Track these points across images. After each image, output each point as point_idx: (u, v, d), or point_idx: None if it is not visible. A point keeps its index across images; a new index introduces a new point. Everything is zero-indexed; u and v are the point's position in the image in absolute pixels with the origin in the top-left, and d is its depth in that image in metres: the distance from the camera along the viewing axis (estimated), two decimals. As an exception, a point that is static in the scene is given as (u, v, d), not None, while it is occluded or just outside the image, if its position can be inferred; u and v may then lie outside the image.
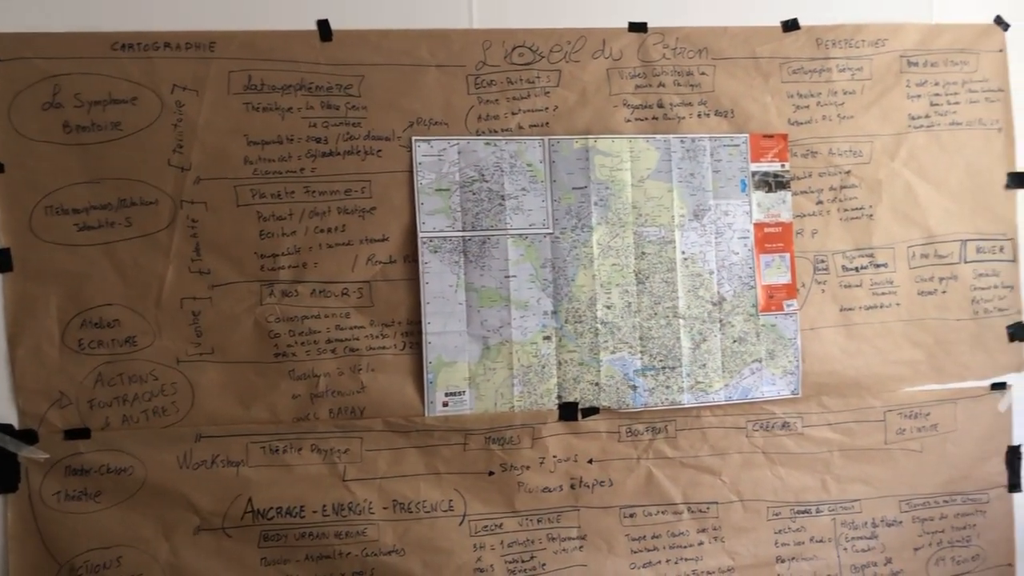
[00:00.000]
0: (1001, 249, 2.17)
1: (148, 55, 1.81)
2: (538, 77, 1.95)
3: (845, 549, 2.10)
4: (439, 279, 1.89)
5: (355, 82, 1.88)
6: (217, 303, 1.83)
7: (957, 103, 2.14)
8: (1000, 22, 2.16)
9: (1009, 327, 2.17)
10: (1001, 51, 2.17)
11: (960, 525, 2.16)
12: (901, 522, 2.13)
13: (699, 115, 2.02)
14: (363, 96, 1.88)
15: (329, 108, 1.87)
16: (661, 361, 1.99)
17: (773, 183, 2.05)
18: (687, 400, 2.00)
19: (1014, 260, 2.18)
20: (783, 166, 2.06)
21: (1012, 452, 2.18)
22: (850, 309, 2.09)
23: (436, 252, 1.90)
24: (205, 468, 1.82)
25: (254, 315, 1.84)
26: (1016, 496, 2.19)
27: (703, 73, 2.02)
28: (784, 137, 2.06)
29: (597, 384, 1.96)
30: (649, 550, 2.00)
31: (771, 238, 2.06)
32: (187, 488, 1.82)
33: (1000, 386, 2.18)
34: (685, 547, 2.01)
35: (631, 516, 1.99)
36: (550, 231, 1.95)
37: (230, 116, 1.84)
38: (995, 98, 2.17)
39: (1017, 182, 2.17)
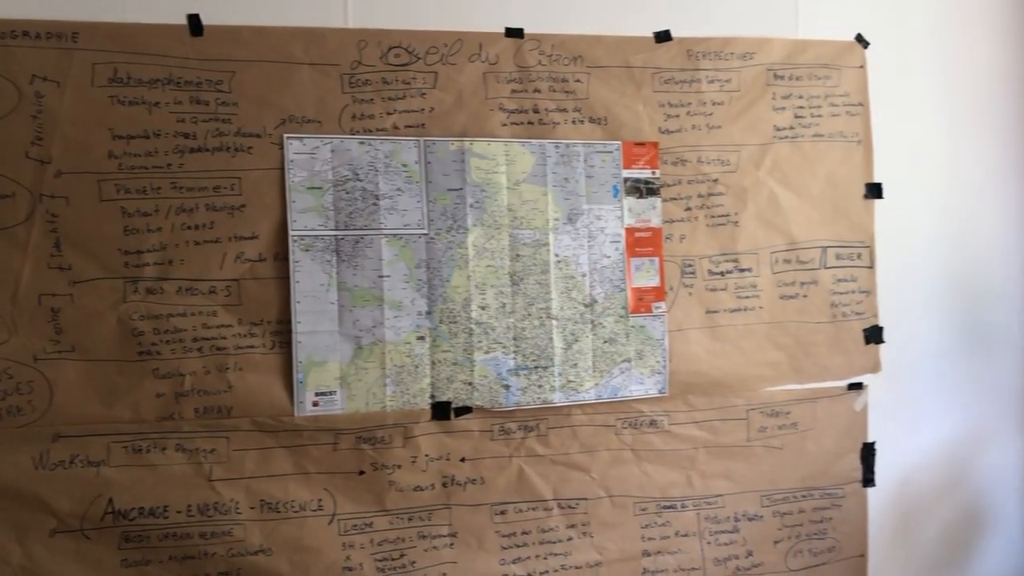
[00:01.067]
0: (859, 256, 2.29)
1: (5, 43, 1.75)
2: (414, 78, 1.96)
3: (708, 543, 2.18)
4: (310, 278, 1.89)
5: (226, 78, 1.85)
6: (78, 300, 1.79)
7: (820, 116, 2.25)
8: (861, 40, 2.28)
9: (865, 330, 2.29)
10: (861, 67, 2.28)
11: (817, 519, 2.26)
12: (762, 516, 2.22)
13: (574, 121, 2.06)
14: (234, 92, 1.86)
15: (198, 103, 1.84)
16: (534, 361, 2.03)
17: (644, 189, 2.12)
18: (559, 399, 2.05)
19: (871, 266, 2.29)
20: (654, 173, 2.12)
21: (866, 449, 2.30)
22: (715, 312, 2.17)
23: (308, 251, 1.89)
24: (63, 468, 1.78)
25: (117, 312, 1.81)
26: (870, 491, 2.30)
27: (578, 80, 2.06)
28: (655, 145, 2.12)
29: (471, 384, 1.99)
30: (519, 546, 2.03)
31: (641, 242, 2.12)
32: (43, 489, 1.77)
33: (856, 386, 2.29)
34: (554, 542, 2.06)
35: (502, 513, 2.03)
36: (425, 232, 1.96)
37: (94, 109, 1.79)
38: (855, 112, 2.28)
39: (874, 192, 2.29)
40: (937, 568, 2.40)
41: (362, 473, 1.94)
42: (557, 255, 2.05)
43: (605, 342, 2.08)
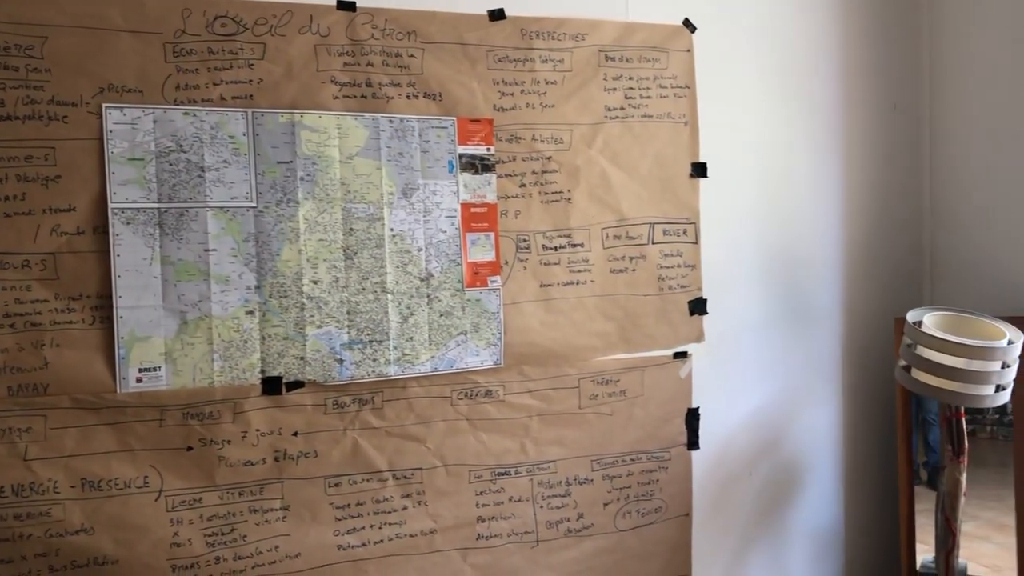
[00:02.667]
0: (684, 232, 2.40)
1: None
2: (241, 49, 1.93)
3: (541, 507, 2.26)
4: (132, 251, 1.84)
5: (37, 43, 1.78)
6: None
7: (649, 97, 2.34)
8: (688, 24, 2.38)
9: (690, 302, 2.41)
10: (689, 51, 2.38)
11: (645, 480, 2.39)
12: (592, 480, 2.32)
13: (408, 96, 2.08)
14: (47, 59, 1.79)
15: (7, 69, 1.76)
16: (368, 335, 2.05)
17: (479, 166, 2.16)
18: (394, 372, 2.08)
19: (696, 242, 2.41)
20: (489, 150, 2.16)
21: (691, 414, 2.43)
22: (549, 285, 2.24)
23: (128, 224, 1.84)
24: None
25: (-81, 288, 1.72)
26: (694, 453, 2.44)
27: (412, 55, 2.08)
28: (490, 122, 2.16)
29: (302, 358, 1.99)
30: (353, 516, 2.06)
31: (477, 218, 2.16)
32: None
33: (682, 355, 2.42)
34: (389, 512, 2.10)
35: (336, 485, 2.05)
36: (254, 205, 1.95)
37: None
38: (682, 94, 2.38)
39: (699, 172, 2.40)
40: (757, 524, 2.57)
41: (190, 449, 1.92)
42: (392, 229, 2.07)
43: (441, 315, 2.12)
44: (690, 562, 2.43)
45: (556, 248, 2.25)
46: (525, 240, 2.22)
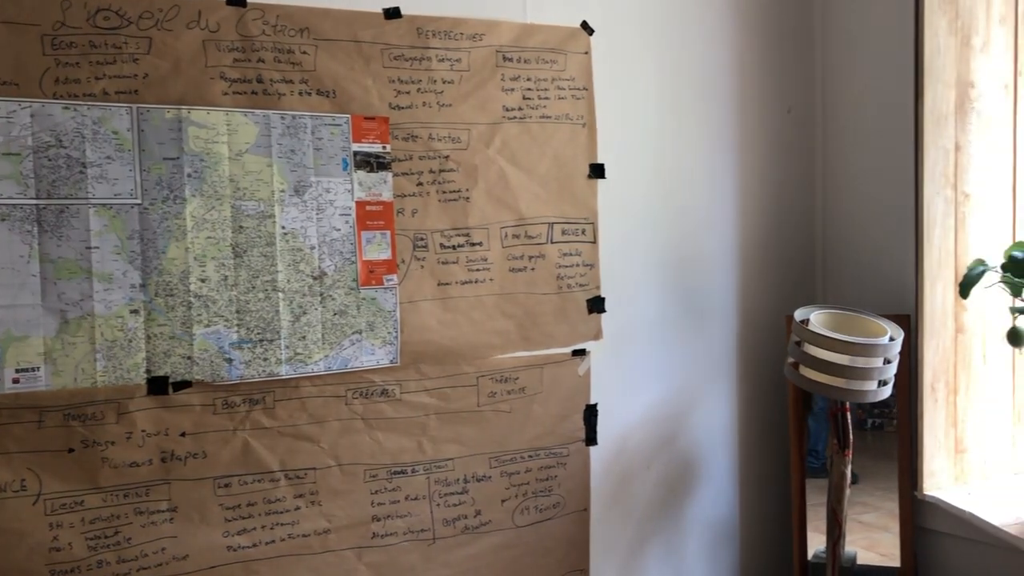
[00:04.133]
0: (583, 232, 2.44)
1: None
2: (125, 43, 1.89)
3: (438, 505, 2.27)
4: (8, 249, 1.80)
5: (-97, 32, 1.72)
6: None
7: (547, 98, 2.37)
8: (586, 27, 2.41)
9: (589, 300, 2.45)
10: (586, 53, 2.42)
11: (543, 477, 2.41)
12: (490, 477, 2.34)
13: (300, 93, 2.07)
14: (-86, 48, 1.72)
15: None
16: (259, 334, 2.03)
17: (375, 163, 2.15)
18: (285, 371, 2.06)
19: (594, 241, 2.45)
20: (384, 148, 2.16)
21: (589, 410, 2.47)
22: (447, 284, 2.25)
23: (4, 220, 1.79)
24: None
25: None
26: (592, 449, 2.48)
27: (304, 52, 2.07)
28: (385, 120, 2.16)
29: (190, 358, 1.96)
30: (244, 518, 2.04)
31: (372, 216, 2.16)
32: None
33: (580, 352, 2.45)
34: (281, 512, 2.08)
35: (226, 486, 2.02)
36: (138, 202, 1.91)
37: None
38: (580, 95, 2.41)
39: (597, 172, 2.44)
40: (654, 517, 2.62)
41: (71, 451, 1.87)
42: (284, 227, 2.05)
43: (335, 314, 2.12)
44: (588, 556, 2.47)
45: (454, 247, 2.26)
46: (422, 239, 2.22)
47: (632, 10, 2.50)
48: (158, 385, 1.94)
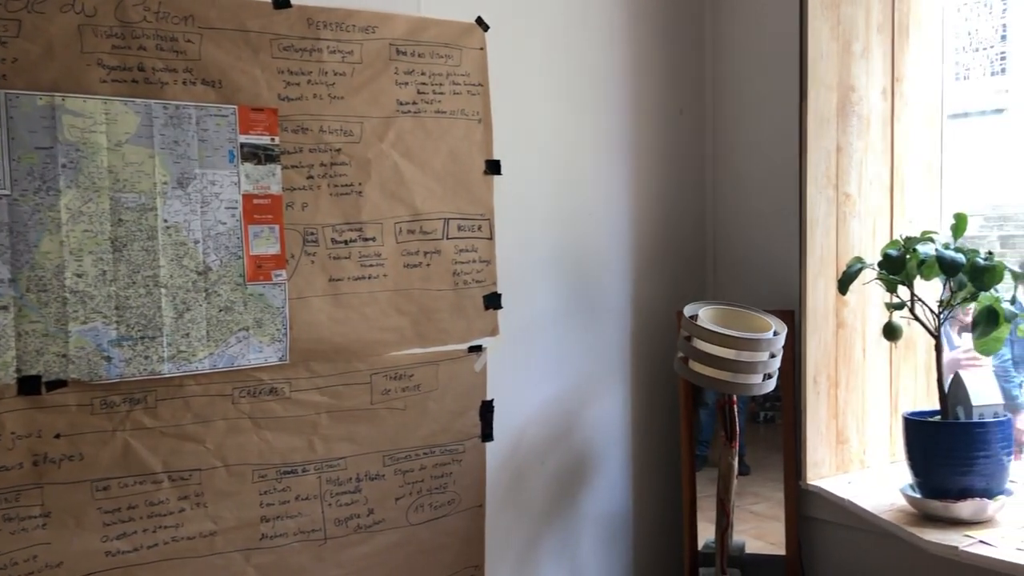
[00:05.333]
0: (479, 228, 2.44)
1: None
2: (-8, 25, 1.79)
3: (330, 504, 2.23)
4: None
5: None
6: None
7: (442, 93, 2.35)
8: (481, 23, 2.41)
9: (485, 297, 2.45)
10: (482, 49, 2.41)
11: (438, 474, 2.40)
12: (384, 475, 2.31)
13: (184, 83, 2.00)
14: None
15: None
16: (140, 331, 1.96)
17: (263, 156, 2.11)
18: (168, 370, 2.00)
19: (490, 238, 2.45)
20: (273, 140, 2.12)
21: (485, 406, 2.47)
22: (339, 280, 2.22)
23: None
24: None
25: None
26: (488, 445, 2.48)
27: (189, 41, 2.00)
28: (274, 112, 2.12)
29: (65, 356, 1.88)
30: (124, 521, 1.97)
31: (260, 209, 2.11)
32: None
33: (476, 348, 2.45)
34: (164, 515, 2.01)
35: (105, 489, 1.95)
36: (8, 193, 1.82)
37: None
38: (476, 91, 2.41)
39: (493, 169, 2.44)
40: (549, 512, 2.64)
41: (-68, 456, 1.77)
42: (166, 221, 1.99)
43: (221, 311, 2.06)
44: (483, 552, 2.47)
45: (346, 242, 2.23)
46: (313, 233, 2.18)
47: (528, 8, 2.51)
48: (29, 385, 1.85)
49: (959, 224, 2.14)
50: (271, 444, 2.15)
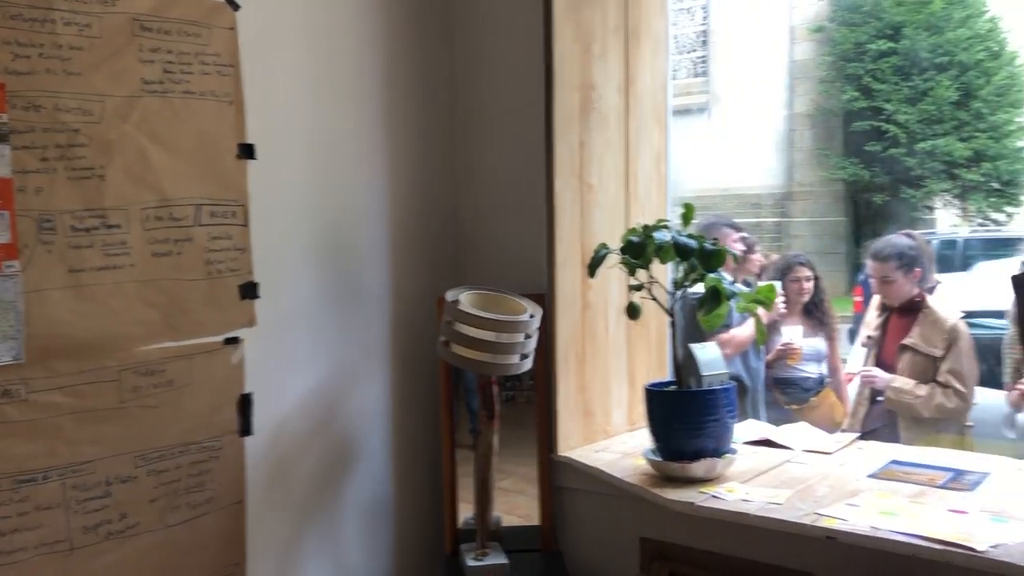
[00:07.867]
0: (234, 214, 2.35)
1: None
2: None
3: (76, 512, 2.07)
4: None
5: None
6: None
7: (191, 73, 2.24)
8: (231, 3, 2.32)
9: (240, 286, 2.37)
10: (232, 29, 2.32)
11: (195, 472, 2.30)
12: (136, 477, 2.18)
13: None
14: None
15: None
16: None
17: (-12, 135, 1.90)
18: None
19: (245, 225, 2.37)
20: (1, 118, 1.92)
21: (244, 400, 2.39)
22: (81, 271, 2.06)
23: None
24: None
25: None
26: (248, 439, 2.41)
27: None
28: (2, 87, 1.92)
29: None
30: None
31: (-14, 194, 1.91)
32: None
33: (233, 340, 2.36)
34: None
35: None
36: None
37: None
38: (227, 72, 2.32)
39: (247, 153, 2.37)
40: (313, 503, 2.62)
41: None
42: None
43: (-60, 306, 1.84)
44: (244, 550, 2.40)
45: (88, 230, 2.07)
46: (49, 221, 2.01)
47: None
48: None
49: (687, 213, 2.39)
50: (5, 452, 1.96)
